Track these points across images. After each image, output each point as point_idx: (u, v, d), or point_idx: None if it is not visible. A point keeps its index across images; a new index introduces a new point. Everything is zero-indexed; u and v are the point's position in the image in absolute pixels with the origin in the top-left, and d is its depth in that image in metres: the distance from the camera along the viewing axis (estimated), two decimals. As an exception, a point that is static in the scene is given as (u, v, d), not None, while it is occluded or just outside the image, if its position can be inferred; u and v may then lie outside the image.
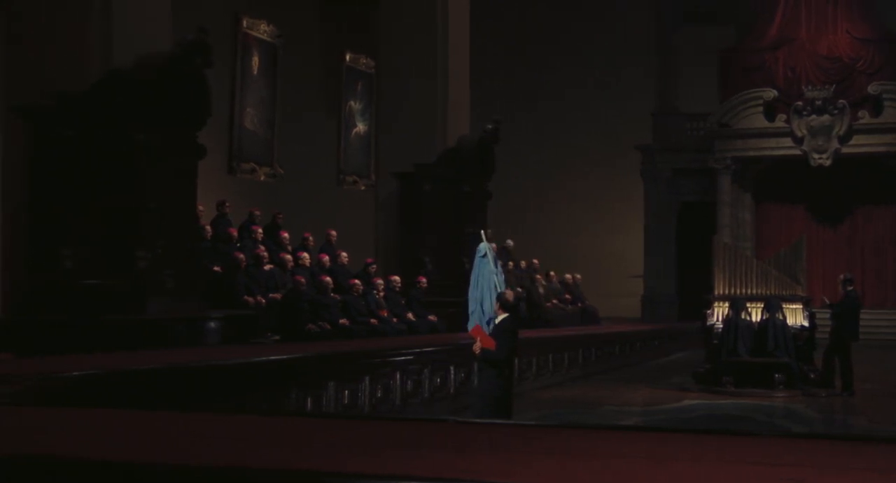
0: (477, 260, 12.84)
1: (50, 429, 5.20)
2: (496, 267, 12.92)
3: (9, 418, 5.73)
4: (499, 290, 12.74)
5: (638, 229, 26.75)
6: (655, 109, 27.04)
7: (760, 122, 24.51)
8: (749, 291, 15.48)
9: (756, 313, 14.94)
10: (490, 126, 17.24)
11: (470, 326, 12.43)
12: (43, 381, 7.28)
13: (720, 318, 15.23)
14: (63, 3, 11.07)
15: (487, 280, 12.58)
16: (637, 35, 26.56)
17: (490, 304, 12.75)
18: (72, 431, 5.11)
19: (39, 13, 11.14)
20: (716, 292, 15.68)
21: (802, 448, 4.89)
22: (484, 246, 12.62)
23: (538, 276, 20.10)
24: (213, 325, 11.34)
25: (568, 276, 21.42)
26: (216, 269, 12.78)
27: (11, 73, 11.32)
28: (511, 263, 19.67)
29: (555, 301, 20.05)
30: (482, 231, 12.61)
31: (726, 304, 15.24)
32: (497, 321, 8.88)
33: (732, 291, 15.48)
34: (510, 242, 20.58)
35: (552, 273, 20.94)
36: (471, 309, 12.95)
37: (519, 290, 19.14)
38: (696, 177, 26.00)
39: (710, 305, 15.70)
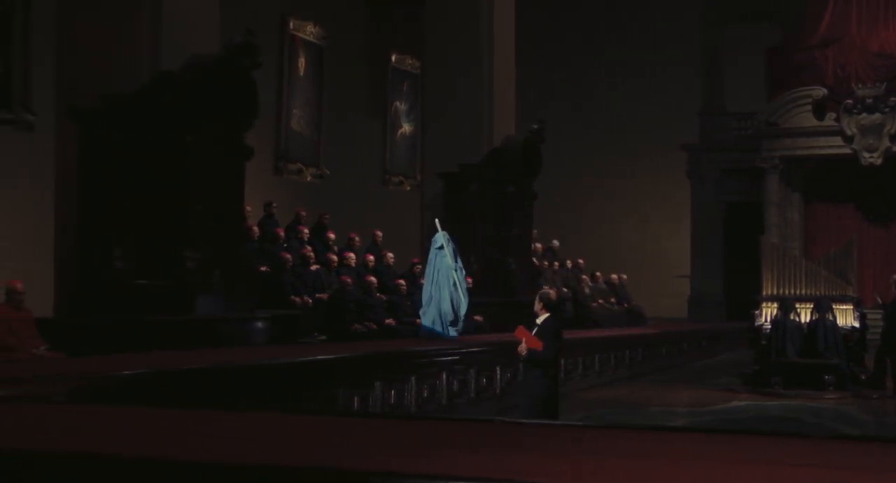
0: (432, 252, 12.28)
1: (100, 427, 5.26)
2: (456, 261, 12.32)
3: (61, 416, 5.81)
4: (459, 289, 12.17)
5: (684, 229, 26.55)
6: (702, 109, 26.82)
7: (809, 120, 24.21)
8: (797, 292, 15.32)
9: (805, 314, 14.78)
10: (535, 126, 17.21)
11: (425, 326, 12.01)
12: (94, 381, 7.38)
13: (768, 319, 15.09)
14: (113, 7, 11.21)
15: (445, 276, 12.00)
16: (683, 34, 26.35)
17: (449, 305, 12.32)
18: (121, 430, 5.17)
19: (90, 18, 11.29)
20: (763, 293, 15.53)
21: (854, 450, 4.82)
22: (440, 236, 12.01)
23: (584, 277, 20.02)
24: (260, 324, 11.42)
25: (614, 276, 21.32)
26: (263, 269, 12.87)
27: (63, 76, 11.49)
28: (556, 264, 19.63)
29: (600, 301, 19.96)
30: (436, 220, 12.18)
31: (774, 305, 15.09)
32: (540, 321, 8.81)
33: (780, 292, 15.33)
34: (556, 242, 20.53)
35: (598, 273, 20.85)
36: (422, 307, 12.31)
37: (565, 290, 19.10)
38: (743, 177, 25.75)
39: (757, 306, 15.55)
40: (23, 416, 5.68)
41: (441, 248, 12.23)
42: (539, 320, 8.76)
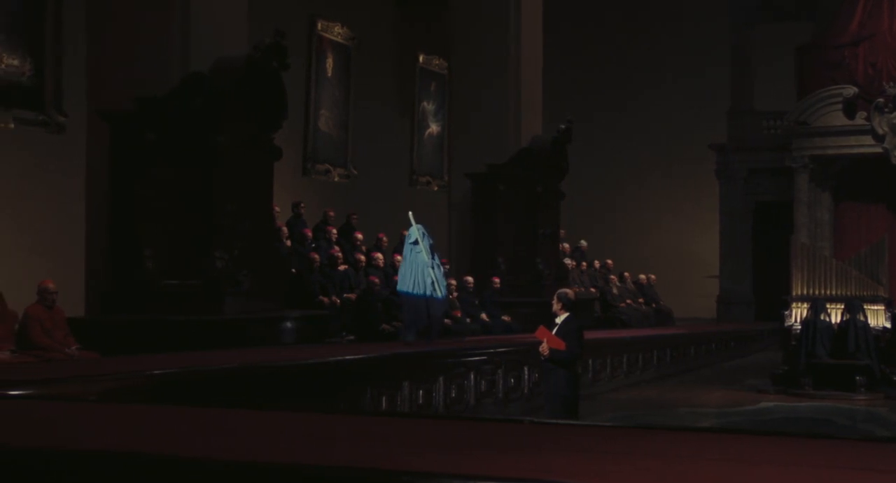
0: (406, 248, 11.50)
1: (132, 426, 5.30)
2: (432, 257, 11.54)
3: (94, 416, 5.86)
4: (438, 288, 11.53)
5: (713, 229, 26.40)
6: (731, 108, 26.68)
7: (840, 119, 24.01)
8: (828, 292, 15.21)
9: (836, 314, 14.67)
10: (563, 126, 17.18)
11: (405, 335, 11.49)
12: (126, 380, 7.44)
13: (798, 319, 14.99)
14: (143, 10, 11.29)
15: (422, 274, 11.25)
16: (713, 33, 26.20)
17: (424, 307, 11.41)
18: (152, 429, 5.20)
19: (120, 21, 11.38)
20: (793, 293, 15.43)
21: (887, 452, 4.79)
22: (414, 230, 11.27)
23: (612, 277, 19.97)
24: (288, 324, 11.46)
25: (642, 276, 21.25)
26: (292, 269, 12.92)
27: (94, 78, 11.58)
28: (584, 264, 19.59)
29: (629, 301, 19.90)
30: (409, 213, 11.65)
31: (804, 305, 14.99)
32: (560, 321, 8.79)
33: (810, 292, 15.22)
34: (584, 243, 20.49)
35: (626, 274, 20.79)
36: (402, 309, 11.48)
37: (593, 290, 19.06)
38: (772, 176, 25.59)
39: (787, 306, 15.45)
40: (56, 416, 5.73)
41: (415, 243, 11.31)
42: (559, 320, 8.74)
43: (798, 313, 15.10)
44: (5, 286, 10.16)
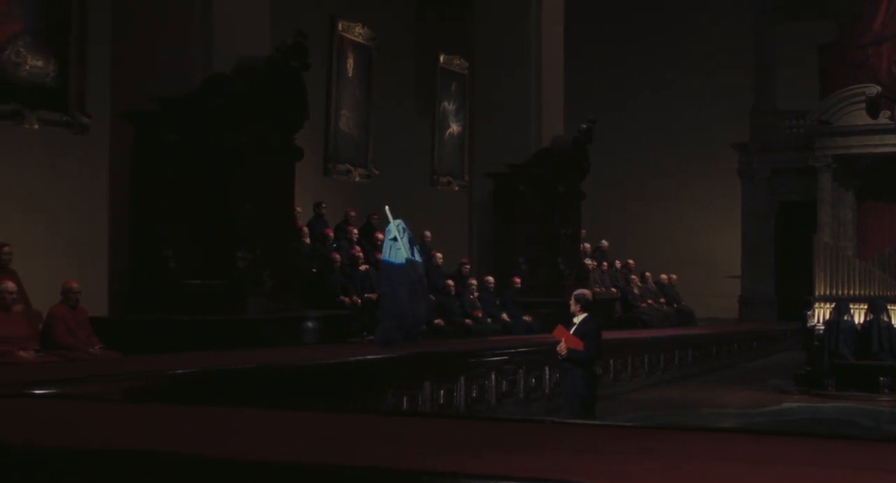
0: (386, 245, 10.92)
1: (154, 426, 5.33)
2: (413, 254, 10.94)
3: (117, 415, 5.89)
4: (419, 287, 10.92)
5: (735, 229, 26.29)
6: (753, 107, 26.56)
7: (863, 118, 23.86)
8: (851, 292, 15.13)
9: (859, 315, 14.58)
10: (584, 125, 17.14)
11: (382, 334, 10.84)
12: (149, 380, 7.48)
13: (821, 320, 14.91)
14: (165, 10, 11.35)
15: (402, 272, 10.62)
16: (734, 32, 26.09)
17: (406, 307, 10.74)
18: (176, 428, 5.23)
19: (143, 22, 11.44)
20: (816, 293, 15.35)
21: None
22: (393, 227, 10.80)
23: (633, 277, 19.92)
24: (310, 324, 11.50)
25: (664, 276, 21.19)
26: (313, 270, 12.95)
27: (117, 79, 11.65)
28: (605, 264, 19.55)
29: (650, 301, 19.84)
30: (386, 207, 11.20)
31: (827, 305, 14.91)
32: (578, 321, 8.77)
33: (833, 292, 15.14)
34: (605, 243, 20.45)
35: (648, 273, 20.73)
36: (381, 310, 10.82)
37: (614, 290, 19.02)
38: (795, 176, 25.46)
39: (810, 306, 15.38)
40: (79, 415, 5.77)
41: (395, 239, 10.79)
42: (577, 320, 8.73)
43: (821, 313, 15.02)
44: (30, 286, 10.23)
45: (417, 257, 10.95)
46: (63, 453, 4.20)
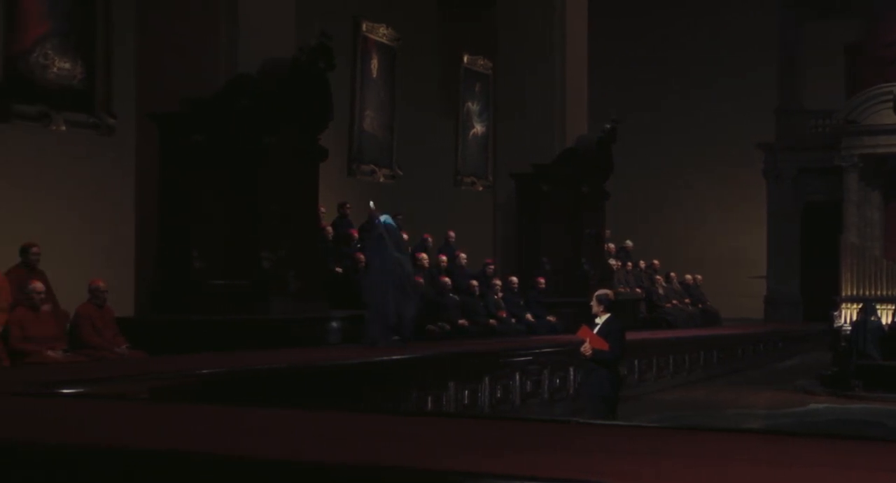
0: (373, 242, 10.63)
1: (180, 425, 5.36)
2: (400, 251, 10.62)
3: (144, 414, 5.93)
4: (407, 285, 10.61)
5: (761, 229, 26.15)
6: (779, 107, 26.40)
7: (890, 117, 23.67)
8: (878, 292, 15.05)
9: (886, 315, 14.49)
10: (608, 125, 17.10)
11: (370, 334, 10.50)
12: (175, 379, 7.52)
13: (848, 320, 14.82)
14: (191, 13, 11.41)
15: (388, 271, 10.33)
16: (760, 31, 25.95)
17: (392, 306, 10.37)
18: (202, 428, 5.26)
19: (169, 24, 11.51)
20: (843, 293, 15.27)
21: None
22: (380, 223, 10.41)
23: (658, 277, 19.85)
24: (334, 325, 11.53)
25: (688, 276, 21.10)
26: (337, 269, 12.97)
27: (143, 81, 11.73)
28: (630, 264, 19.49)
29: (675, 302, 19.77)
30: (370, 203, 10.90)
31: (854, 306, 14.83)
32: (602, 321, 8.74)
33: (860, 292, 15.07)
34: (629, 243, 20.38)
35: (672, 274, 20.65)
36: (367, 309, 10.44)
37: (638, 290, 18.95)
38: (821, 175, 25.29)
39: (836, 307, 15.29)
40: (107, 414, 5.81)
41: (380, 237, 10.54)
42: (600, 320, 8.70)
43: (848, 314, 14.94)
44: (57, 287, 10.31)
45: (405, 256, 10.76)
46: (91, 451, 4.23)
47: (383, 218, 10.55)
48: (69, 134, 12.67)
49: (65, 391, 6.61)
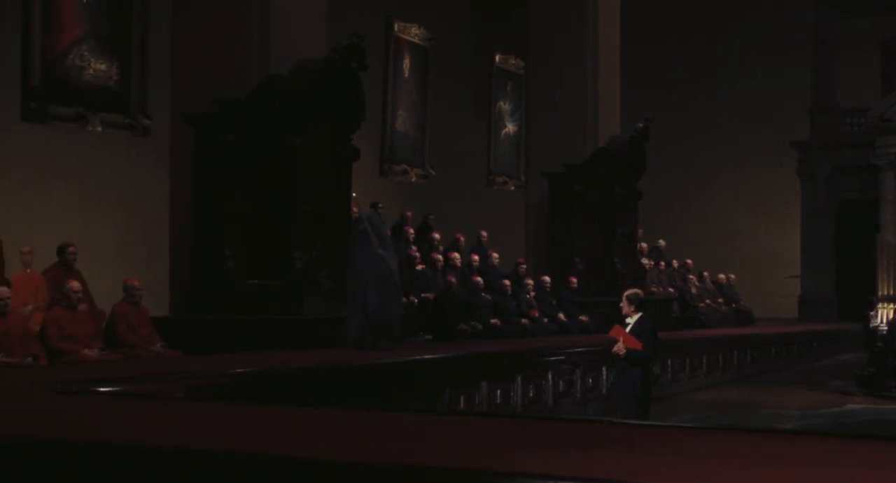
0: (356, 237, 10.01)
1: (215, 424, 5.40)
2: (385, 247, 10.01)
3: (180, 413, 5.98)
4: (391, 285, 10.06)
5: (795, 228, 25.96)
6: (813, 105, 26.19)
7: (926, 115, 23.45)
8: (915, 292, 14.88)
9: (923, 315, 14.35)
10: (641, 124, 17.03)
11: (352, 333, 9.95)
12: (210, 379, 7.58)
13: (884, 320, 14.69)
14: (224, 14, 11.48)
15: (373, 269, 9.73)
16: (794, 29, 25.76)
17: (378, 307, 9.72)
18: (236, 427, 5.29)
19: (202, 26, 11.59)
20: (879, 293, 15.13)
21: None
22: (362, 218, 9.95)
23: (691, 277, 19.75)
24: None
25: (721, 276, 20.98)
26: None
27: (178, 81, 11.82)
28: (663, 263, 19.40)
29: (708, 301, 19.66)
30: (352, 194, 9.80)
31: (890, 306, 14.68)
32: (633, 321, 8.71)
33: (896, 292, 14.91)
34: (662, 242, 20.29)
35: (706, 273, 20.54)
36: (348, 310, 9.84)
37: (671, 290, 18.87)
38: (856, 174, 25.07)
39: (872, 306, 15.16)
40: (144, 413, 5.87)
41: (364, 232, 10.00)
42: (631, 320, 8.67)
43: (884, 314, 14.81)
44: (93, 286, 10.42)
45: (391, 252, 10.13)
46: (127, 449, 4.28)
47: (366, 213, 10.22)
48: (105, 135, 12.81)
49: (101, 389, 6.67)
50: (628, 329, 8.62)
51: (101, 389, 6.67)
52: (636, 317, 8.67)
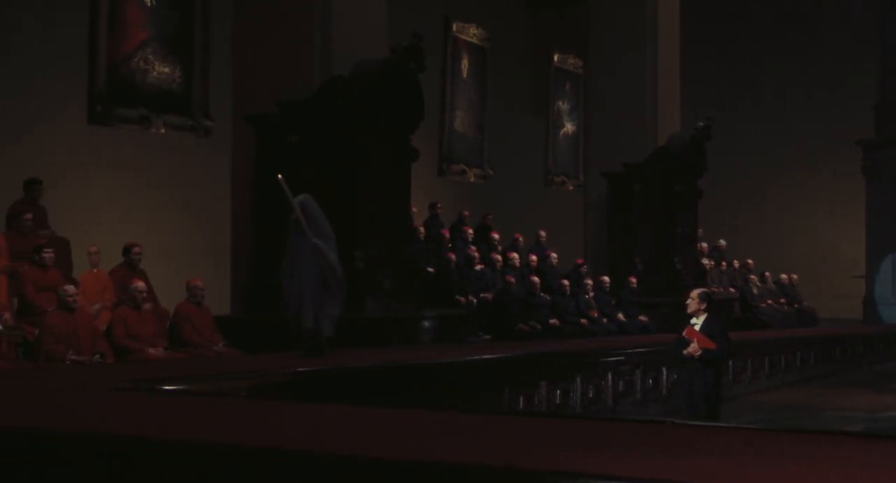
0: (291, 227, 9.04)
1: (275, 422, 5.45)
2: (323, 236, 8.95)
3: (244, 411, 6.05)
4: (330, 277, 8.79)
5: (859, 227, 25.52)
6: (878, 103, 25.75)
7: None
8: (984, 293, 14.58)
9: None
10: (702, 123, 16.87)
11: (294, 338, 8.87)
12: (272, 377, 7.65)
13: (952, 322, 14.40)
14: (286, 15, 11.59)
15: (306, 261, 8.80)
16: (859, 25, 25.35)
17: (310, 302, 8.62)
18: (299, 426, 5.34)
19: (263, 28, 11.71)
20: (947, 294, 14.83)
21: None
22: (294, 204, 8.83)
23: (752, 277, 19.52)
24: (427, 324, 11.59)
25: (784, 276, 20.71)
26: (430, 269, 13.06)
27: (239, 83, 11.95)
28: (724, 263, 19.21)
29: (769, 302, 19.42)
30: (279, 176, 8.67)
31: (959, 307, 14.39)
32: (701, 321, 8.61)
33: (966, 293, 14.61)
34: (722, 242, 20.08)
35: (767, 273, 20.29)
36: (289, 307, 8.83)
37: (732, 290, 18.67)
38: (923, 172, 24.62)
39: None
40: (209, 411, 5.94)
41: (297, 220, 8.72)
42: (698, 320, 8.58)
43: (952, 315, 14.51)
44: (157, 286, 10.57)
45: (332, 243, 8.85)
46: (193, 446, 4.34)
47: (298, 198, 8.72)
48: (168, 136, 13.00)
49: (167, 388, 6.77)
50: (697, 329, 8.53)
51: (167, 388, 6.77)
52: (703, 317, 8.57)
